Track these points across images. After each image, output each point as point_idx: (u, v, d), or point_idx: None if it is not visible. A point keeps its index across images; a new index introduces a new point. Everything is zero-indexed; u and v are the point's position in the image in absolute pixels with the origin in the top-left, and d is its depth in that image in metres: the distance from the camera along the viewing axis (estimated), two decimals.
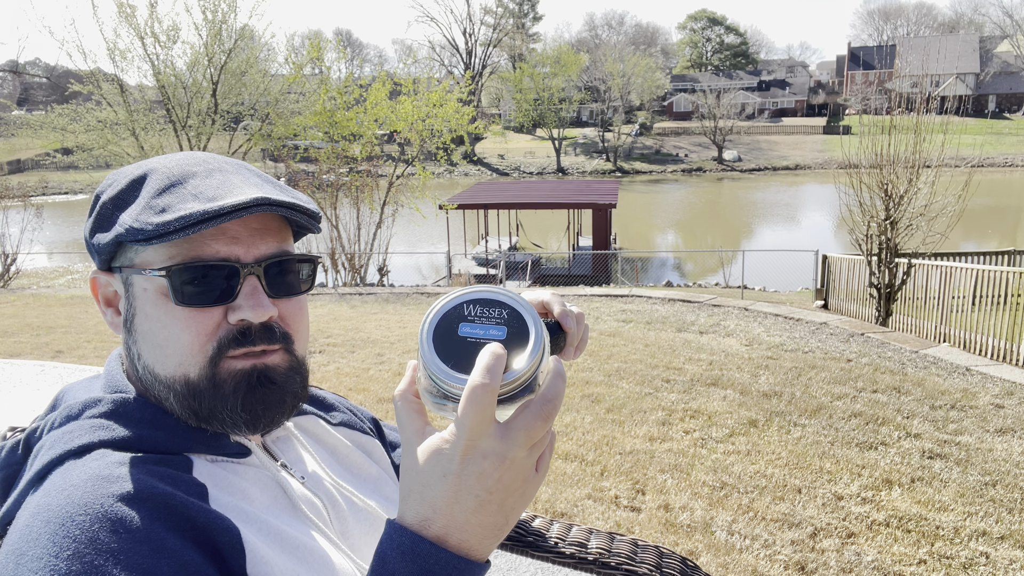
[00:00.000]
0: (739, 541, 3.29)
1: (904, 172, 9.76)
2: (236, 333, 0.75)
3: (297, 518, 0.78)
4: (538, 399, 0.56)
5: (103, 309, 0.82)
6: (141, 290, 0.76)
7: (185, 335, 0.74)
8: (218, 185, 0.75)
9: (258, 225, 0.78)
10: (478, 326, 0.58)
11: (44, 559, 0.58)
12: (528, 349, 0.57)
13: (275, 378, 0.77)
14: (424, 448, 0.57)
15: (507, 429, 0.54)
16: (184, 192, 0.74)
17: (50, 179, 48.97)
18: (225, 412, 0.75)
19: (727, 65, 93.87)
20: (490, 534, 0.57)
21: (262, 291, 0.76)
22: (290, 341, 0.80)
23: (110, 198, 0.77)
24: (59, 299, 11.78)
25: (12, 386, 5.85)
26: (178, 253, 0.74)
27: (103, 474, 0.66)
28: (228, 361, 0.75)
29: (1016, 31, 78.34)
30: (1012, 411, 5.30)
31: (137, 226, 0.72)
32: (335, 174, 17.69)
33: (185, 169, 0.77)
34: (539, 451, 0.57)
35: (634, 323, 8.95)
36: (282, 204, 0.75)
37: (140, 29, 16.12)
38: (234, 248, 0.75)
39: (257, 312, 0.75)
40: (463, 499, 0.55)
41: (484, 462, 0.54)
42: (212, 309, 0.75)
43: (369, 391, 5.60)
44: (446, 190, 31.60)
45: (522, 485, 0.56)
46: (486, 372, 0.53)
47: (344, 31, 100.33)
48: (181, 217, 0.70)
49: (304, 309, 0.83)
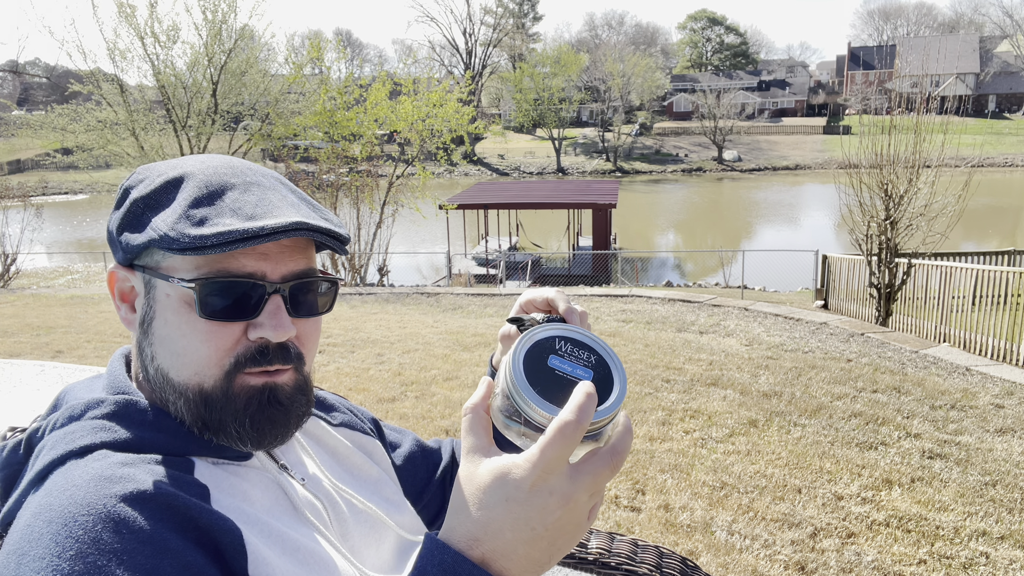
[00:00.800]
0: (739, 541, 3.29)
1: (904, 172, 9.76)
2: (254, 351, 0.75)
3: (298, 520, 0.78)
4: (608, 449, 0.56)
5: (118, 304, 0.81)
6: (164, 295, 0.75)
7: (204, 347, 0.74)
8: (256, 203, 0.75)
9: (288, 243, 0.77)
10: (567, 363, 0.60)
11: (46, 559, 0.58)
12: (611, 399, 0.58)
13: (282, 399, 0.77)
14: (491, 468, 0.57)
15: (577, 472, 0.55)
16: (223, 206, 0.73)
17: (50, 179, 48.97)
18: (234, 426, 0.75)
19: (727, 65, 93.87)
20: (532, 569, 0.57)
21: (284, 311, 0.76)
22: (302, 361, 0.80)
23: (141, 196, 0.76)
24: (59, 299, 11.78)
25: (12, 386, 5.85)
26: (206, 264, 0.73)
27: (106, 474, 0.65)
28: (243, 376, 0.75)
29: (1016, 31, 78.32)
30: (1012, 411, 5.30)
31: (173, 235, 0.71)
32: (335, 174, 17.70)
33: (223, 179, 0.77)
34: (596, 499, 0.58)
35: (634, 323, 8.95)
36: (318, 230, 0.75)
37: (140, 29, 16.13)
38: (262, 264, 0.75)
39: (278, 332, 0.75)
40: (519, 529, 0.55)
41: (550, 498, 0.55)
42: (233, 324, 0.74)
43: (369, 391, 5.60)
44: (446, 190, 31.60)
45: (574, 529, 0.57)
46: (579, 410, 0.54)
47: (344, 31, 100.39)
48: (220, 233, 0.70)
49: (319, 329, 0.83)
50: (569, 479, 0.55)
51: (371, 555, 0.84)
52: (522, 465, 0.55)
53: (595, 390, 0.57)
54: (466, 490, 0.58)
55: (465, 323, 9.10)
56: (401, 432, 1.14)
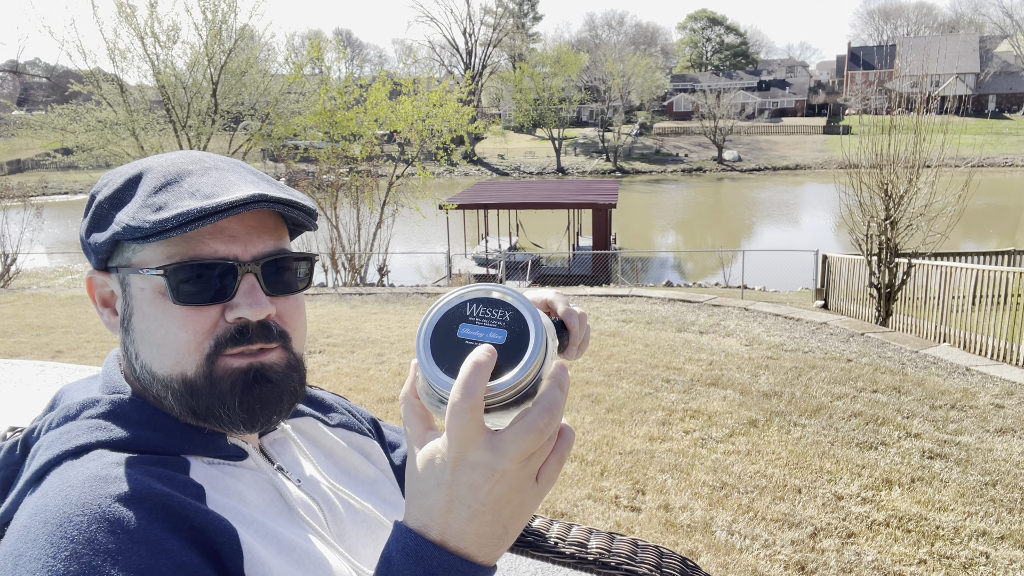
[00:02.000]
0: (739, 541, 3.29)
1: (904, 172, 9.76)
2: (233, 332, 0.75)
3: (293, 521, 0.78)
4: (534, 409, 0.54)
5: (99, 309, 0.82)
6: (138, 289, 0.75)
7: (182, 333, 0.74)
8: (215, 183, 0.75)
9: (255, 223, 0.77)
10: (478, 328, 0.56)
11: (42, 559, 0.58)
12: (526, 356, 0.54)
13: (272, 376, 0.77)
14: (422, 455, 0.56)
15: (499, 440, 0.53)
16: (181, 190, 0.74)
17: (50, 179, 48.96)
18: (222, 410, 0.75)
19: (727, 65, 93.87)
20: (488, 543, 0.56)
21: (260, 289, 0.76)
22: (287, 339, 0.79)
23: (106, 197, 0.77)
24: (59, 299, 11.78)
25: (12, 386, 5.84)
26: (176, 252, 0.73)
27: (101, 474, 0.65)
28: (225, 359, 0.75)
29: (1016, 31, 78.31)
30: (1012, 411, 5.30)
31: (134, 224, 0.71)
32: (335, 174, 17.69)
33: (181, 167, 0.77)
34: (537, 462, 0.55)
35: (634, 323, 8.95)
36: (279, 201, 0.75)
37: (140, 29, 16.12)
38: (232, 247, 0.75)
39: (255, 310, 0.75)
40: (456, 509, 0.54)
41: (474, 473, 0.53)
42: (209, 308, 0.74)
43: (369, 391, 5.59)
44: (446, 190, 31.60)
45: (517, 496, 0.55)
46: (463, 387, 0.52)
47: (344, 31, 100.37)
48: (179, 215, 0.70)
49: (301, 307, 0.82)
50: (490, 451, 0.53)
51: (369, 555, 0.84)
52: (440, 448, 0.55)
53: (495, 352, 0.53)
54: (409, 480, 0.58)
55: None
56: (400, 432, 1.14)
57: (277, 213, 0.80)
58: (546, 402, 0.54)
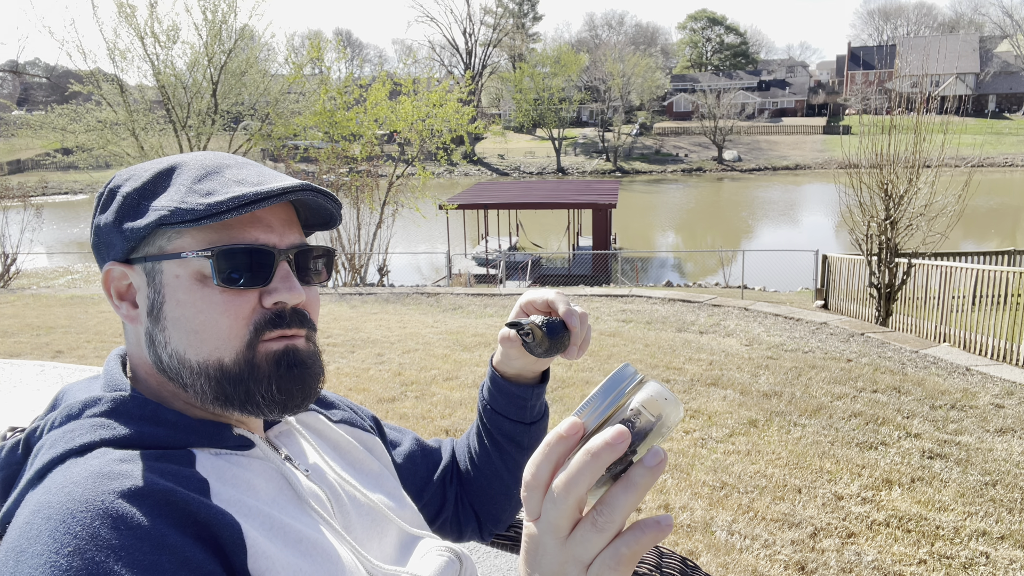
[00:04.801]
0: (739, 541, 3.29)
1: (904, 172, 9.76)
2: (271, 316, 0.78)
3: (302, 510, 0.78)
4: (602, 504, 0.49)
5: (116, 303, 0.81)
6: (173, 277, 0.76)
7: (223, 319, 0.76)
8: (258, 173, 0.80)
9: (286, 216, 0.82)
10: None
11: (45, 556, 0.58)
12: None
13: (304, 359, 0.80)
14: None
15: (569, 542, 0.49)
16: (225, 179, 0.77)
17: (50, 179, 48.93)
18: (260, 393, 0.77)
19: (727, 65, 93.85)
20: None
21: (294, 276, 0.80)
22: (314, 329, 0.83)
23: (134, 189, 0.78)
24: (59, 299, 11.78)
25: (12, 386, 5.84)
26: (218, 239, 0.76)
27: (104, 471, 0.65)
28: (263, 344, 0.77)
29: (1016, 31, 78.31)
30: (1012, 411, 5.30)
31: (186, 207, 0.74)
32: (335, 174, 17.70)
33: (218, 161, 0.81)
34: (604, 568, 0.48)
35: (634, 323, 8.95)
36: (322, 192, 0.80)
37: (140, 29, 16.12)
38: (270, 236, 0.79)
39: (293, 294, 0.78)
40: None
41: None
42: (249, 292, 0.77)
43: (369, 391, 5.60)
44: (446, 190, 31.59)
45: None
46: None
47: (344, 31, 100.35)
48: (234, 197, 0.74)
49: (319, 301, 0.86)
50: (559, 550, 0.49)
51: (374, 547, 0.85)
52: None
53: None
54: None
55: (465, 323, 9.10)
56: (401, 431, 1.14)
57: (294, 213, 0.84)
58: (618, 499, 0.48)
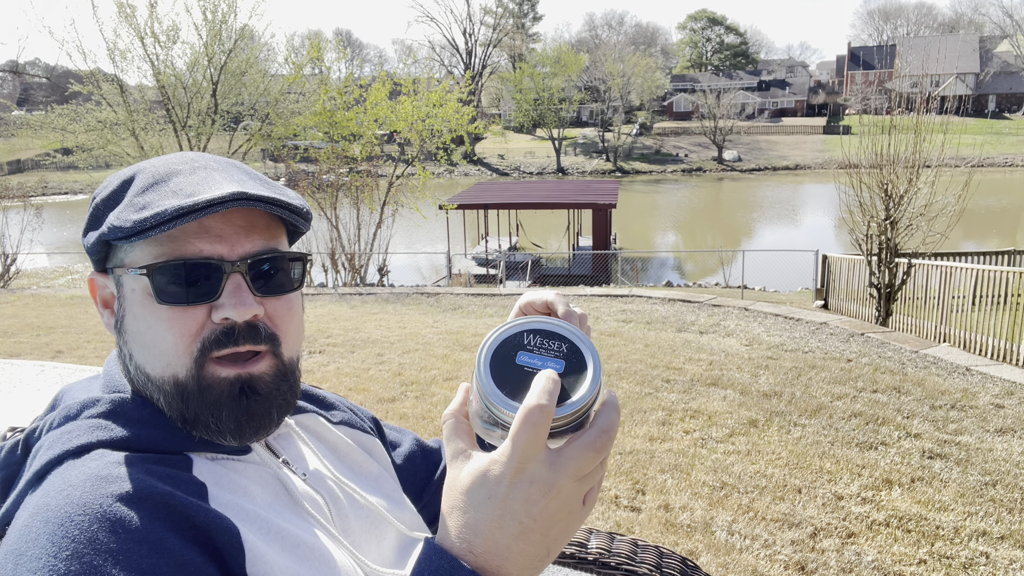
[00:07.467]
0: (739, 541, 3.29)
1: (904, 172, 9.76)
2: (220, 333, 0.74)
3: (298, 515, 0.78)
4: (593, 430, 0.55)
5: (100, 310, 0.82)
6: (129, 290, 0.76)
7: (169, 335, 0.73)
8: (199, 182, 0.74)
9: (243, 223, 0.76)
10: (537, 356, 0.58)
11: (43, 559, 0.58)
12: (585, 385, 0.56)
13: (260, 388, 0.76)
14: (471, 469, 0.56)
15: (558, 456, 0.54)
16: (165, 190, 0.73)
17: (50, 179, 48.94)
18: (210, 420, 0.74)
19: (727, 65, 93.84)
20: (530, 564, 0.55)
21: (246, 289, 0.75)
22: (277, 342, 0.77)
23: (102, 199, 0.78)
24: (59, 299, 11.78)
25: (12, 386, 5.84)
26: (162, 252, 0.73)
27: (102, 474, 0.65)
28: (213, 365, 0.74)
29: (1016, 31, 78.29)
30: (1012, 411, 5.30)
31: (117, 224, 0.72)
32: (335, 174, 17.68)
33: (170, 168, 0.77)
34: (589, 484, 0.56)
35: (634, 323, 8.95)
36: (260, 199, 0.73)
37: (140, 29, 16.13)
38: (217, 246, 0.74)
39: (240, 311, 0.73)
40: (507, 524, 0.54)
41: (531, 487, 0.53)
42: (195, 308, 0.74)
43: (369, 391, 5.59)
44: (446, 190, 31.59)
45: (567, 516, 0.55)
46: (544, 394, 0.53)
47: (344, 31, 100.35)
48: (156, 214, 0.70)
49: (294, 308, 0.81)
50: (549, 465, 0.53)
51: (372, 550, 0.84)
52: (498, 460, 0.54)
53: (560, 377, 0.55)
54: (452, 495, 0.57)
55: (465, 323, 9.10)
56: (401, 432, 1.14)
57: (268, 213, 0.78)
58: (603, 424, 0.55)
